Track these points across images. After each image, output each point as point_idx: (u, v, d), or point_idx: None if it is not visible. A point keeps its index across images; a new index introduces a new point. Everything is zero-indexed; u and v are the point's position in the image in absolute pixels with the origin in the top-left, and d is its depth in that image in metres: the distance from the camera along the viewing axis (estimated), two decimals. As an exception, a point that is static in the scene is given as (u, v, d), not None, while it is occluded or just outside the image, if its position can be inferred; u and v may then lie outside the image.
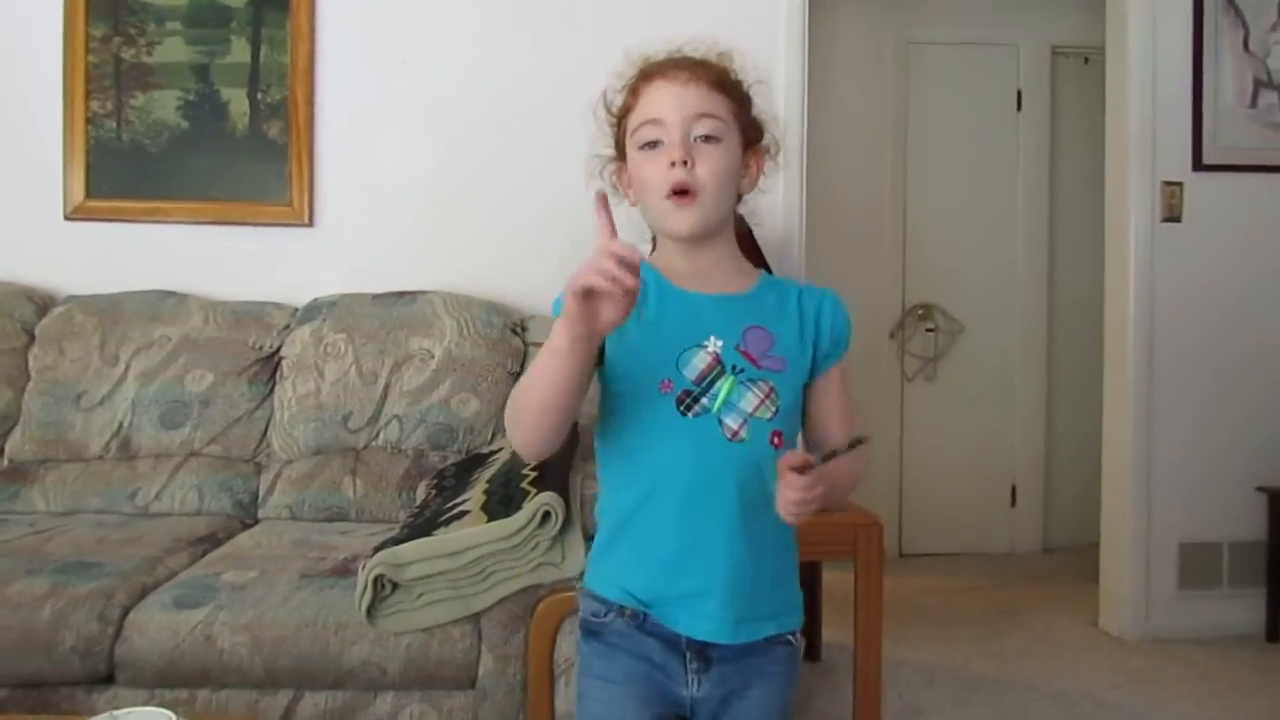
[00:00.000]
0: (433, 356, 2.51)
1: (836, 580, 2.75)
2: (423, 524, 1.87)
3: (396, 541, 1.79)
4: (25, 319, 2.58)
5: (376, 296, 2.63)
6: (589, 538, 1.99)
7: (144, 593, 1.86)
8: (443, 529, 1.79)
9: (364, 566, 1.76)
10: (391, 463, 2.43)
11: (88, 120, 2.78)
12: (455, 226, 2.83)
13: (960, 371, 4.21)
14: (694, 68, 1.20)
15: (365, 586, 1.73)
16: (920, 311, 4.19)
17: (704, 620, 1.15)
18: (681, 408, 1.14)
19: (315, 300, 2.66)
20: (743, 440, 1.14)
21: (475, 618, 1.79)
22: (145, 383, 2.48)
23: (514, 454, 1.44)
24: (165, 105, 2.80)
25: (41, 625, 1.75)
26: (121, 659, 1.76)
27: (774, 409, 1.16)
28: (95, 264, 2.73)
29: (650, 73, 1.21)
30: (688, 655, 1.16)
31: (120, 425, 2.46)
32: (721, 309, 1.18)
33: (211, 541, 2.20)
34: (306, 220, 2.83)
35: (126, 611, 1.80)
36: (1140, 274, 3.07)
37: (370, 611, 1.75)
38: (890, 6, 4.16)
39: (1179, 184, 3.07)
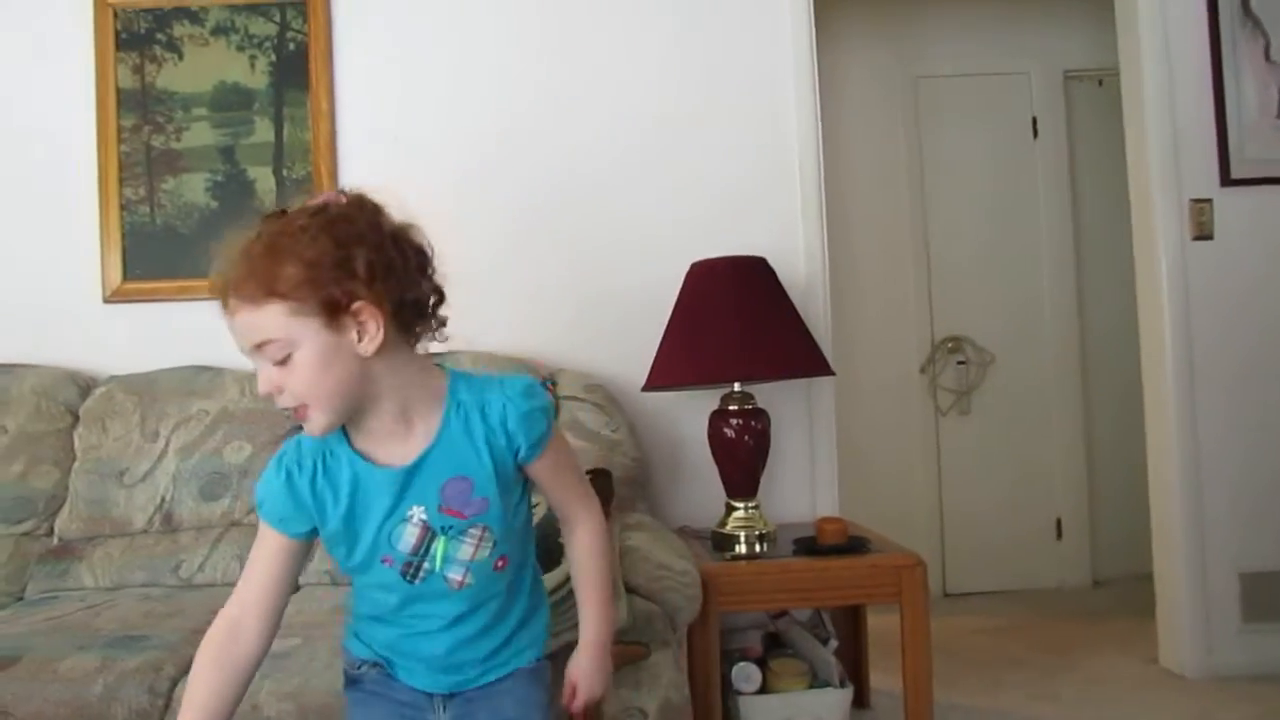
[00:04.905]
0: (465, 416, 2.52)
1: (882, 624, 2.68)
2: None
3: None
4: (69, 401, 2.64)
5: (407, 359, 2.65)
6: (629, 589, 1.98)
7: (190, 664, 1.86)
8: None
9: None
10: (430, 524, 2.44)
11: (122, 207, 2.87)
12: (478, 289, 2.86)
13: (994, 403, 4.16)
14: (239, 287, 1.10)
15: (407, 648, 1.73)
16: (950, 344, 4.17)
17: (429, 679, 1.30)
18: (408, 576, 1.22)
19: (347, 366, 2.69)
20: (469, 585, 1.24)
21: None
22: (185, 456, 2.52)
23: (549, 508, 1.46)
24: (194, 187, 2.88)
25: (94, 700, 1.76)
26: (170, 732, 1.76)
27: (490, 544, 1.23)
28: (135, 344, 2.80)
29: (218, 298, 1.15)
30: (433, 695, 1.31)
31: (162, 499, 2.50)
32: (415, 475, 1.20)
33: (255, 611, 2.20)
34: (336, 289, 2.87)
35: (175, 683, 1.81)
36: (1174, 295, 2.99)
37: (413, 673, 1.74)
38: (897, 42, 4.19)
39: (1208, 201, 2.99)
